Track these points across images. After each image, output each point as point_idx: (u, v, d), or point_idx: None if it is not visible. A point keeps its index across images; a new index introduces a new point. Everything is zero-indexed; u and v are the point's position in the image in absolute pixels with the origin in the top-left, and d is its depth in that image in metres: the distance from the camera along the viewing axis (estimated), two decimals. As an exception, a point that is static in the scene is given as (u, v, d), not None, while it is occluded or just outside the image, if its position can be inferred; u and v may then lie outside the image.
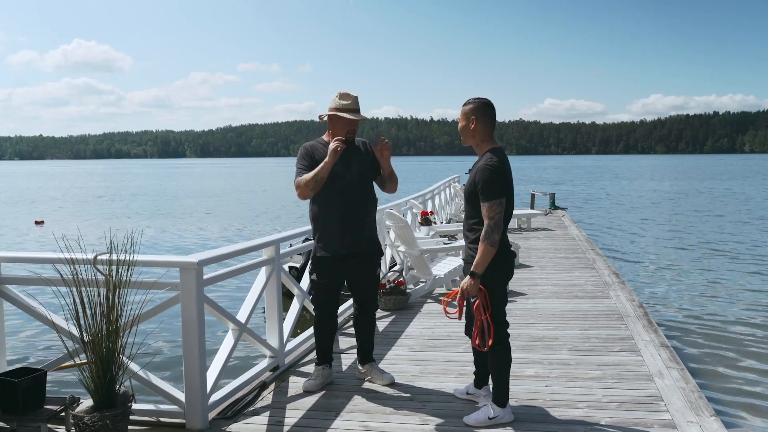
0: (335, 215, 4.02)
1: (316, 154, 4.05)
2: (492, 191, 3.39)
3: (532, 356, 4.84)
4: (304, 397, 4.10)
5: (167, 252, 17.11)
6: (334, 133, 4.07)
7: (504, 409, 3.59)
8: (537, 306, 6.58)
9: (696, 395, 3.89)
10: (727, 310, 9.56)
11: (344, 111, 4.03)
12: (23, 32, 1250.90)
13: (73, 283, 3.22)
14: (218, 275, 3.92)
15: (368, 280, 4.23)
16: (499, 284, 3.56)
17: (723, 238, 17.99)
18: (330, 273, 4.11)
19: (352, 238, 4.06)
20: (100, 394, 3.19)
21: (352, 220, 4.04)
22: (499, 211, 3.40)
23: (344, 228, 4.03)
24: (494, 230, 3.37)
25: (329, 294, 4.19)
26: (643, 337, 5.23)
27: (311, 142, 4.17)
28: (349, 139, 4.07)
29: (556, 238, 12.34)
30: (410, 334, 5.64)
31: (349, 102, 4.05)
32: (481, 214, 3.44)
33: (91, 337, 3.18)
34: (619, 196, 37.27)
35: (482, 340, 3.50)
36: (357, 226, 4.07)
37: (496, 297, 3.53)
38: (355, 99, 4.07)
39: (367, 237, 4.15)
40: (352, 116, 4.02)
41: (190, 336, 3.53)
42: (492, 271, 3.45)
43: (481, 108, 3.54)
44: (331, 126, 4.10)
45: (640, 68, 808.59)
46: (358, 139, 4.19)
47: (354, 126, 4.07)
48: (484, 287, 3.46)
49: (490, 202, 3.39)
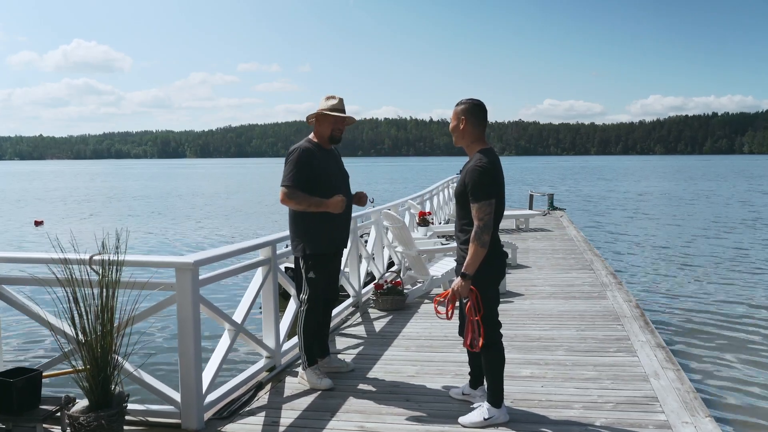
0: (329, 215, 4.17)
1: (313, 160, 4.17)
2: (481, 192, 3.40)
3: (529, 357, 4.85)
4: (300, 397, 4.11)
5: (167, 252, 17.11)
6: (320, 132, 4.28)
7: (499, 409, 3.60)
8: (534, 306, 6.59)
9: (691, 396, 3.90)
10: (724, 311, 9.57)
11: (329, 110, 4.24)
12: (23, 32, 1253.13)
13: (68, 284, 3.22)
14: (214, 275, 3.92)
15: (338, 275, 4.60)
16: (491, 284, 3.57)
17: (720, 240, 18.01)
18: (326, 268, 4.28)
19: (342, 236, 4.37)
20: (95, 394, 3.20)
21: (342, 220, 4.28)
22: (489, 212, 3.41)
23: (336, 226, 4.25)
24: (484, 231, 3.39)
25: (328, 289, 4.36)
26: (639, 338, 5.24)
27: (304, 144, 4.24)
28: (336, 139, 4.31)
29: (554, 239, 12.35)
30: (407, 334, 5.65)
31: (335, 102, 4.28)
32: (471, 213, 3.45)
33: (87, 337, 3.19)
34: (619, 197, 37.28)
35: (473, 341, 3.52)
36: (344, 225, 4.37)
37: (487, 298, 3.53)
38: (341, 100, 4.31)
39: (347, 234, 4.50)
40: (336, 114, 4.23)
41: (185, 336, 3.54)
42: (483, 271, 3.46)
43: (471, 109, 3.56)
44: (317, 126, 4.29)
45: (639, 69, 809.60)
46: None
47: (340, 125, 4.27)
48: (476, 288, 3.47)
49: (479, 203, 3.40)
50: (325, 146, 4.27)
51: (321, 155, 4.21)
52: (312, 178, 4.11)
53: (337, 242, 4.32)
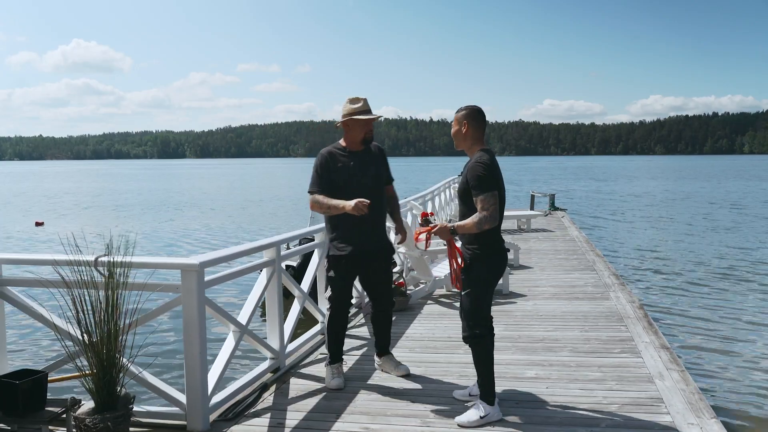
0: (347, 217, 4.14)
1: (334, 164, 4.20)
2: (484, 184, 3.48)
3: (533, 358, 4.84)
4: (304, 398, 4.11)
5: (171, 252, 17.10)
6: (351, 137, 4.27)
7: (492, 407, 3.61)
8: (537, 307, 6.59)
9: (696, 397, 3.90)
10: (727, 310, 9.56)
11: (357, 114, 4.22)
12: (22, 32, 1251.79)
13: (74, 285, 3.22)
14: (219, 277, 3.92)
15: (379, 278, 4.42)
16: (489, 284, 3.66)
17: (725, 240, 18.00)
18: (345, 270, 4.30)
19: (366, 239, 4.25)
20: (101, 396, 3.20)
21: (366, 222, 4.19)
22: (494, 203, 3.48)
23: (355, 230, 4.20)
24: (487, 221, 3.46)
25: (344, 291, 4.37)
26: (643, 339, 5.23)
27: (329, 148, 4.31)
28: (368, 140, 4.28)
29: (556, 240, 12.34)
30: (411, 335, 5.65)
31: (360, 104, 4.25)
32: (476, 209, 3.50)
33: (92, 339, 3.19)
34: (618, 198, 37.26)
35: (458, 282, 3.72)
36: (370, 228, 4.25)
37: (484, 293, 3.64)
38: (365, 101, 4.29)
39: (377, 238, 4.33)
40: (366, 116, 4.22)
41: (191, 338, 3.53)
42: (484, 267, 3.59)
43: (472, 114, 3.70)
44: (348, 131, 4.28)
45: (639, 69, 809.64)
46: (375, 144, 4.37)
47: (369, 126, 4.27)
48: (475, 283, 3.60)
49: (484, 195, 3.48)
50: (356, 148, 4.29)
51: (348, 159, 4.23)
52: (333, 181, 4.18)
53: (359, 245, 4.21)
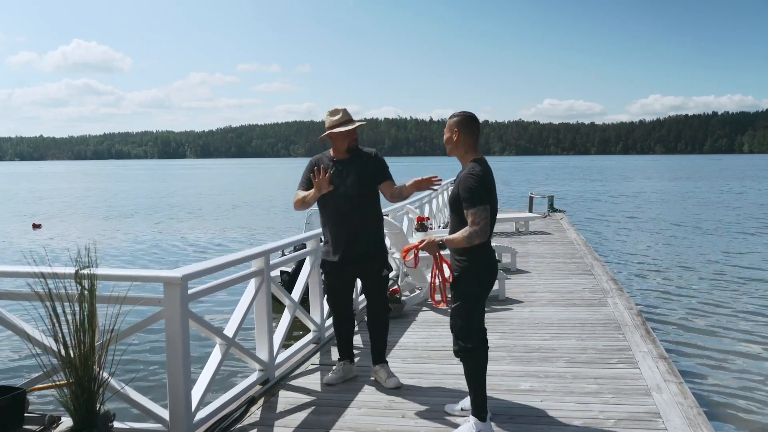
0: (331, 224, 4.35)
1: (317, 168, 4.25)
2: (476, 197, 3.38)
3: (528, 369, 4.74)
4: (293, 413, 4.00)
5: (160, 258, 17.01)
6: (336, 147, 4.37)
7: (485, 423, 3.50)
8: (534, 314, 6.48)
9: (695, 411, 3.79)
10: (727, 318, 9.45)
11: (337, 126, 4.28)
12: (22, 32, 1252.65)
13: (52, 298, 3.12)
14: (204, 289, 3.81)
15: (372, 284, 4.44)
16: (480, 295, 3.55)
17: (724, 246, 17.90)
18: (333, 276, 4.42)
19: (346, 246, 4.31)
20: (79, 414, 3.10)
21: (344, 229, 4.30)
22: (485, 217, 3.38)
23: (338, 236, 4.32)
24: (477, 235, 3.37)
25: (337, 295, 4.49)
26: (641, 348, 5.13)
27: (319, 155, 4.47)
28: (353, 148, 4.32)
29: (554, 242, 12.24)
30: (404, 344, 5.54)
31: (340, 116, 4.32)
32: (467, 222, 3.40)
33: (70, 353, 3.08)
34: (619, 198, 37.17)
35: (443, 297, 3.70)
36: (350, 235, 4.29)
37: (474, 307, 3.53)
38: (345, 111, 4.34)
39: (362, 244, 4.33)
40: (345, 128, 4.26)
41: (174, 352, 3.42)
42: (474, 280, 3.50)
43: (464, 121, 3.60)
44: (334, 143, 4.37)
45: (639, 69, 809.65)
46: (367, 149, 4.40)
47: (353, 135, 4.31)
48: (465, 296, 3.50)
49: (475, 208, 3.38)
50: (342, 157, 4.34)
51: (332, 167, 4.28)
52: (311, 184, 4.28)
53: (346, 251, 4.30)
